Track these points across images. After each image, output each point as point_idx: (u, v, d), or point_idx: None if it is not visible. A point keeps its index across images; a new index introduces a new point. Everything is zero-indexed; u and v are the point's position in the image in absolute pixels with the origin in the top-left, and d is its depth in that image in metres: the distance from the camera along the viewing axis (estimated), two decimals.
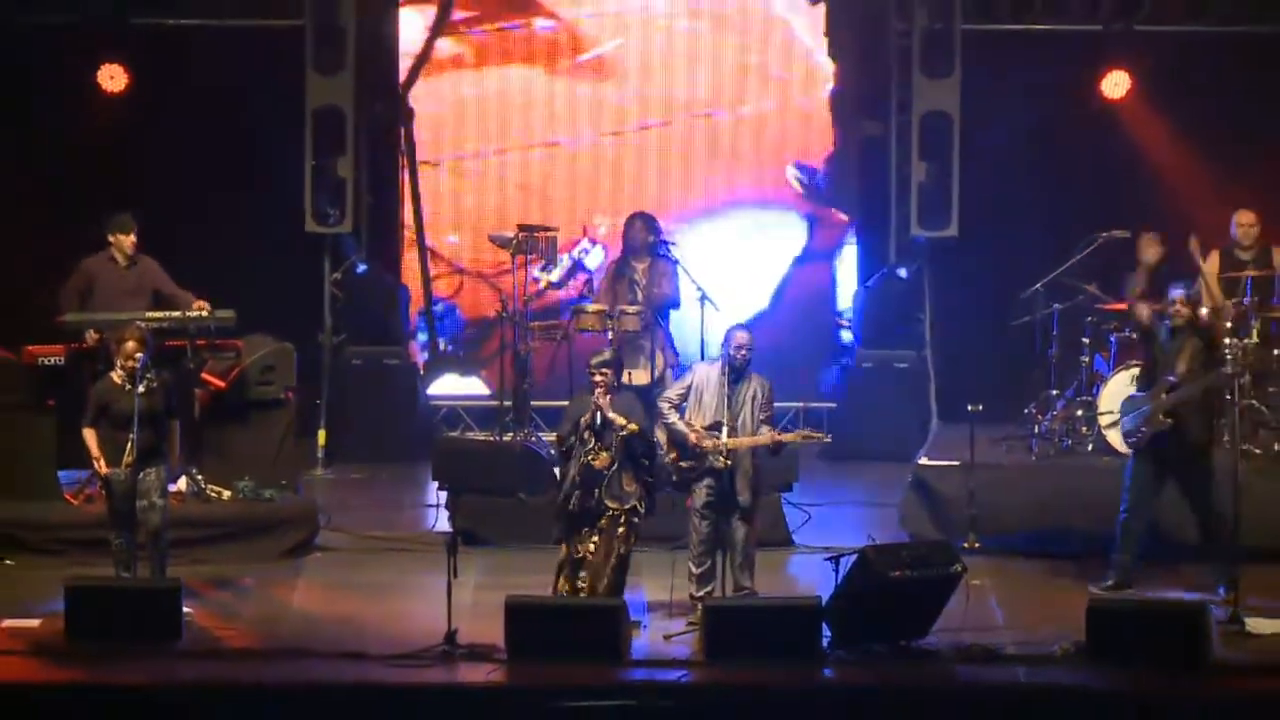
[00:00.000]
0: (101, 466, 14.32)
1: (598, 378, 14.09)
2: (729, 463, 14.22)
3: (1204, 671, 13.38)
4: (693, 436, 14.24)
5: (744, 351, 14.31)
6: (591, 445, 14.01)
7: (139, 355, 14.23)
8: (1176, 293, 14.90)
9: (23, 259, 18.20)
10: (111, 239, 16.50)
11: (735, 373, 14.31)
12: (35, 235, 18.39)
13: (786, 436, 14.54)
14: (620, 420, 13.84)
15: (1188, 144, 18.99)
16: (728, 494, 14.28)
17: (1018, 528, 16.18)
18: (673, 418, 14.29)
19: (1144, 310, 15.22)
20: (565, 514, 14.01)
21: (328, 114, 18.94)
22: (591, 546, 13.97)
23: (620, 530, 13.96)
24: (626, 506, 13.96)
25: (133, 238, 16.50)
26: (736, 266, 19.50)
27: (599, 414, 13.81)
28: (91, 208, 17.47)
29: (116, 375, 14.38)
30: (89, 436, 14.35)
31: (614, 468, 13.97)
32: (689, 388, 14.41)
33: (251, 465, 16.56)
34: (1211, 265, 17.20)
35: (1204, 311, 15.11)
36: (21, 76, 18.64)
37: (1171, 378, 14.77)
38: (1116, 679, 13.29)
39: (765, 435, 14.35)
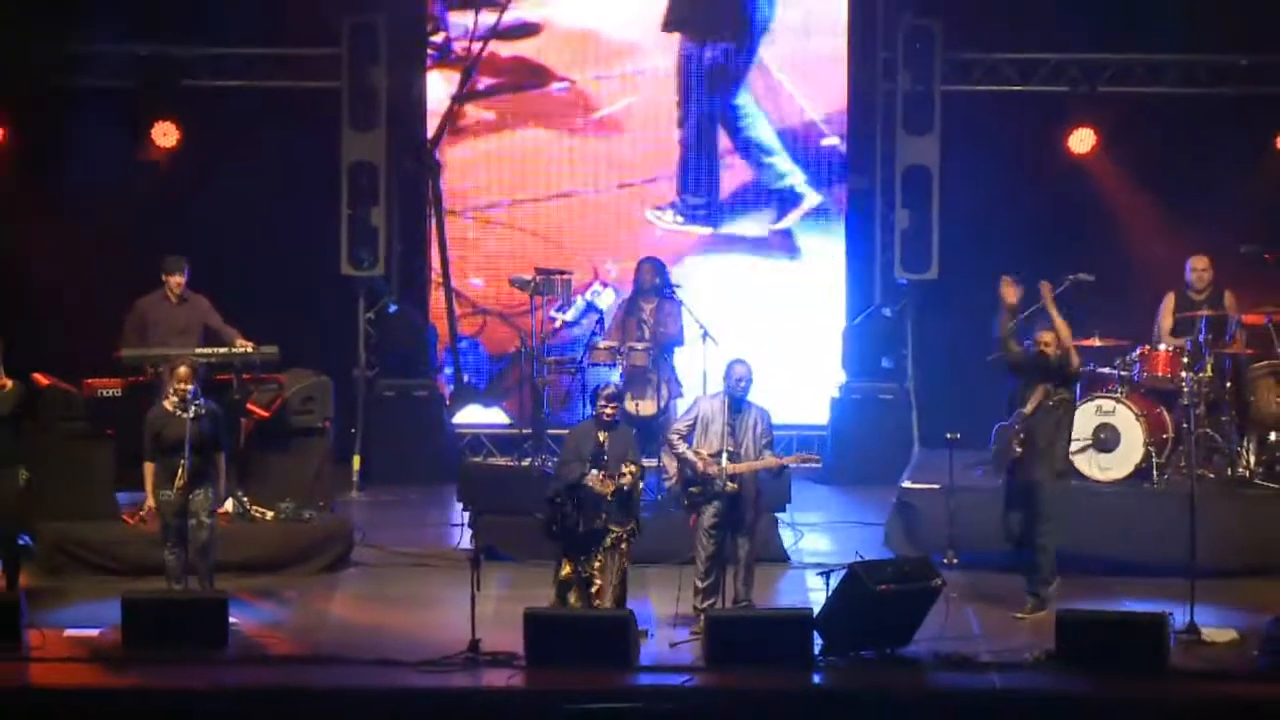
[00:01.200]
0: (149, 498, 14.39)
1: (607, 410, 14.18)
2: (735, 486, 14.27)
3: (1163, 677, 13.42)
4: (700, 464, 14.29)
5: (743, 383, 14.37)
6: (596, 474, 14.10)
7: (190, 382, 14.31)
8: (1045, 332, 14.91)
9: (83, 299, 18.21)
10: (164, 278, 16.61)
11: (736, 403, 14.37)
12: (94, 277, 18.40)
13: (786, 460, 14.62)
14: (629, 477, 13.99)
15: (1147, 195, 19.04)
16: (732, 515, 14.33)
17: (992, 545, 16.16)
18: (681, 448, 14.35)
19: (1014, 347, 15.18)
20: (569, 535, 14.08)
21: (362, 168, 19.01)
22: (597, 565, 14.03)
23: (623, 547, 14.05)
24: (626, 529, 14.05)
25: (179, 277, 16.59)
26: (736, 305, 19.50)
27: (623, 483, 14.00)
28: (146, 253, 17.52)
29: (168, 403, 14.43)
30: (148, 470, 14.40)
31: (615, 495, 14.06)
32: (695, 420, 14.46)
33: (292, 488, 16.57)
34: (1167, 305, 17.22)
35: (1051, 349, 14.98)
36: (85, 133, 18.69)
37: (1023, 410, 14.75)
38: (1083, 684, 13.33)
39: (768, 459, 14.41)
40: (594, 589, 14.04)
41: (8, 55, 18.77)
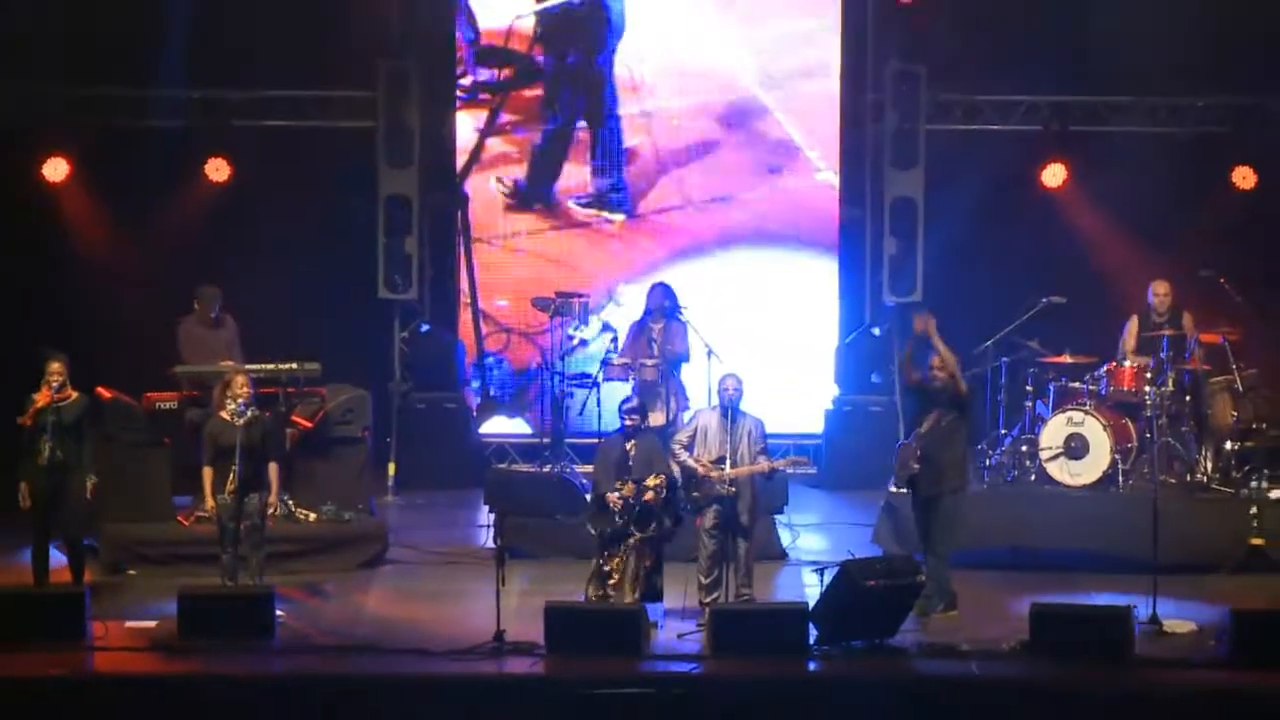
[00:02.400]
0: (208, 501, 14.46)
1: (629, 421, 14.25)
2: (733, 490, 14.28)
3: (1128, 665, 13.44)
4: (701, 470, 14.31)
5: (731, 392, 14.40)
6: (623, 480, 14.14)
7: (247, 390, 14.40)
8: (935, 358, 14.80)
9: (144, 321, 18.21)
10: (195, 305, 16.91)
11: (732, 413, 14.39)
12: (154, 301, 18.41)
13: (778, 463, 14.65)
14: (651, 487, 14.09)
15: (1113, 224, 19.04)
16: (732, 516, 14.34)
17: (972, 545, 16.10)
18: (684, 456, 14.38)
19: (913, 374, 15.11)
20: (600, 535, 14.11)
21: (397, 200, 19.05)
22: (616, 563, 14.09)
23: (645, 548, 14.07)
24: (646, 533, 14.08)
25: (209, 311, 16.92)
26: (739, 325, 19.50)
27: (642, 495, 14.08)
28: (201, 278, 17.58)
29: (225, 413, 14.51)
30: (206, 475, 14.47)
31: (633, 505, 14.12)
32: (696, 430, 14.49)
33: (334, 491, 16.59)
34: (1132, 326, 17.24)
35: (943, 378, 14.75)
36: (145, 169, 18.76)
37: (920, 430, 14.68)
38: (1055, 671, 13.34)
39: (761, 464, 14.43)
40: (611, 582, 14.09)
41: (73, 98, 18.87)
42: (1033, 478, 16.87)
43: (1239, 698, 13.05)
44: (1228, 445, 16.89)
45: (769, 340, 19.59)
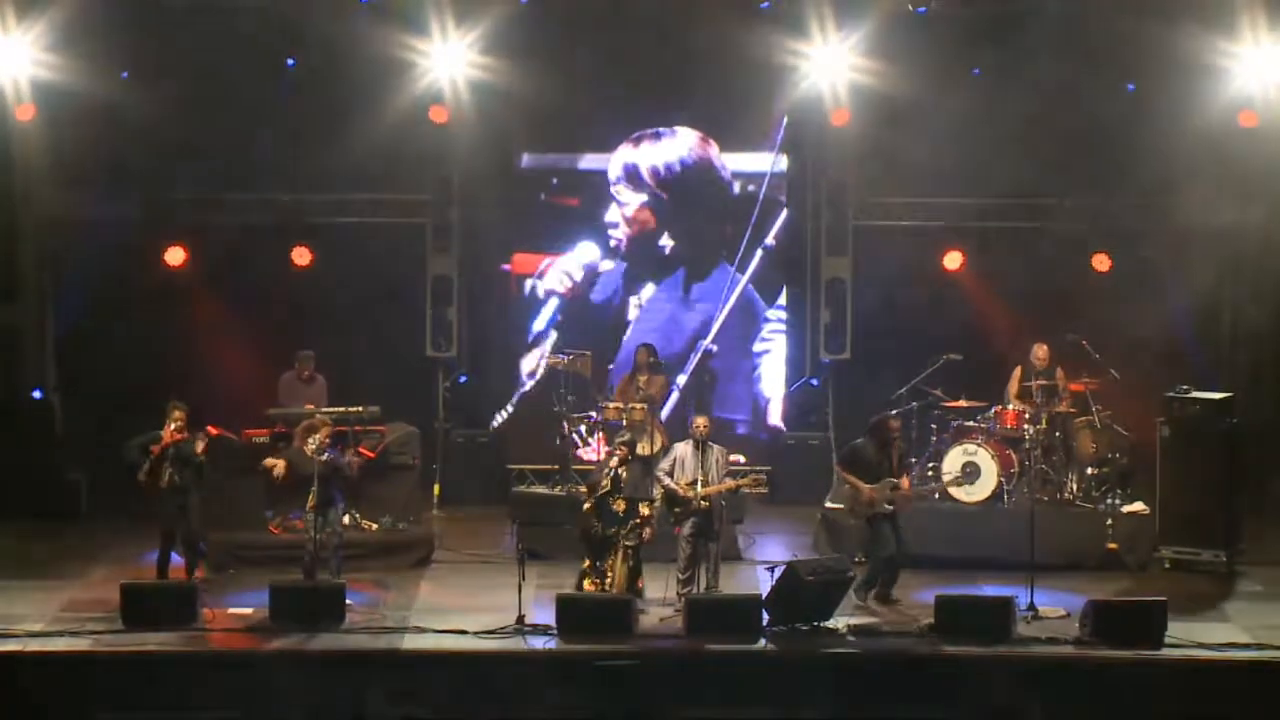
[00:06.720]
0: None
1: (620, 451, 14.36)
2: (707, 504, 14.39)
3: (1011, 641, 13.57)
4: (680, 491, 14.43)
5: (701, 430, 14.53)
6: (613, 495, 14.24)
7: (328, 436, 14.59)
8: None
9: (243, 375, 18.21)
10: (295, 366, 16.87)
11: (702, 445, 14.51)
12: (250, 359, 18.38)
13: (741, 482, 14.74)
14: (645, 513, 14.17)
15: (999, 298, 18.84)
16: (704, 526, 14.45)
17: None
18: (666, 480, 14.53)
19: (895, 423, 15.34)
20: (593, 541, 14.19)
21: (441, 279, 19.06)
22: (610, 563, 14.17)
23: (630, 551, 14.16)
24: (632, 542, 14.17)
25: (308, 371, 17.05)
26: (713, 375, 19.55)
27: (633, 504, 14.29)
28: (288, 342, 17.69)
29: (308, 448, 14.63)
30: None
31: (627, 511, 14.21)
32: (675, 460, 14.62)
33: (391, 507, 16.65)
34: (1015, 376, 17.34)
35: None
36: (242, 258, 18.82)
37: (893, 480, 14.84)
38: (955, 646, 13.47)
39: (727, 483, 14.54)
40: (608, 580, 14.17)
41: (189, 200, 18.94)
42: (937, 496, 16.97)
43: (1095, 667, 13.25)
44: (1089, 471, 17.00)
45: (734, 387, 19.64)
